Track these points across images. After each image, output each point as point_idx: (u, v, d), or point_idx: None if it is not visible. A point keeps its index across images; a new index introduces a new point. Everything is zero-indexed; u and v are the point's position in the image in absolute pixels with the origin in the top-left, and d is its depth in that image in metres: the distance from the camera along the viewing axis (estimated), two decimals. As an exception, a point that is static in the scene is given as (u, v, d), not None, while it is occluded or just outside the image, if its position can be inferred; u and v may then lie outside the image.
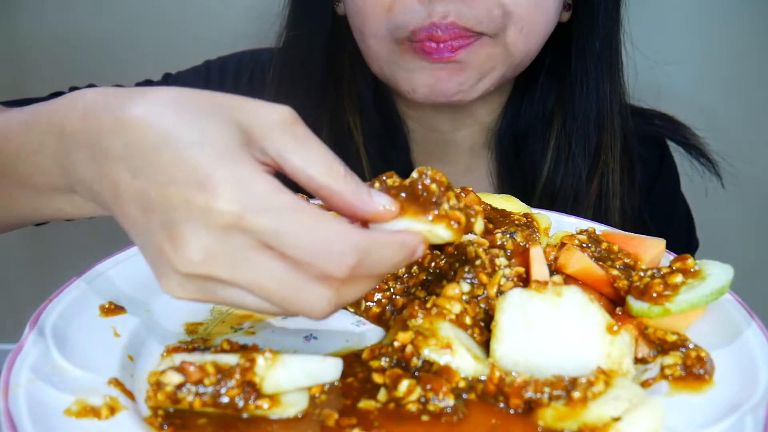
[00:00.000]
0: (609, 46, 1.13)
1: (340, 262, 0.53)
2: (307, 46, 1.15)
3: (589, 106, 1.14)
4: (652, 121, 1.27)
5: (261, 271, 0.53)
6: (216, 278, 0.54)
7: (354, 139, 1.16)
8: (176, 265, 0.53)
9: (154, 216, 0.53)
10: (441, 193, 0.60)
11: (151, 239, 0.54)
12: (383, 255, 0.55)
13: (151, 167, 0.53)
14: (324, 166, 0.56)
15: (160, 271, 0.55)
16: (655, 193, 1.27)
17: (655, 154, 1.28)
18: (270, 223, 0.52)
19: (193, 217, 0.52)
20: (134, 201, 0.54)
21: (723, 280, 0.68)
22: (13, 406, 0.56)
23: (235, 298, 0.55)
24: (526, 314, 0.64)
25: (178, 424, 0.58)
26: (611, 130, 1.15)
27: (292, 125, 0.56)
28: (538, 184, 1.17)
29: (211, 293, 0.55)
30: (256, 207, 0.52)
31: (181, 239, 0.52)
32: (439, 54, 0.98)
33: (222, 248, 0.52)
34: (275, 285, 0.54)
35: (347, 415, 0.60)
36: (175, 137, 0.53)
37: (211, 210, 0.51)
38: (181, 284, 0.55)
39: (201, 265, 0.53)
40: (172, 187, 0.52)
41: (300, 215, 0.53)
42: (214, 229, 0.52)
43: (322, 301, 0.55)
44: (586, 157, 1.15)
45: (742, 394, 0.61)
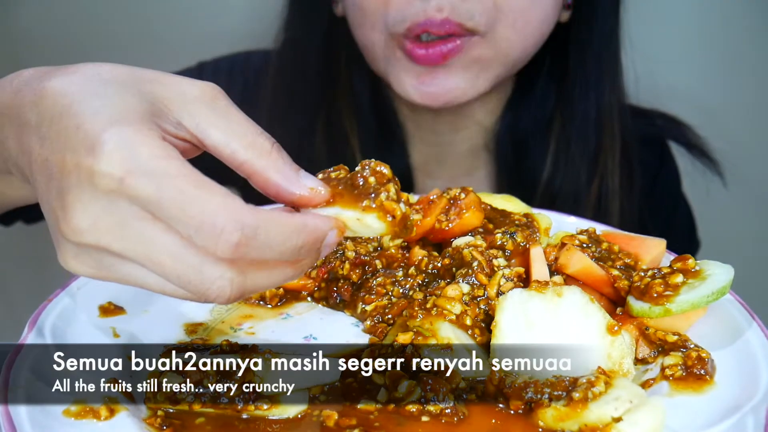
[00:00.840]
0: (608, 47, 1.13)
1: (221, 238, 0.49)
2: (304, 47, 1.15)
3: (589, 107, 1.13)
4: (653, 121, 1.27)
5: (151, 243, 0.50)
6: (107, 249, 0.51)
7: (350, 142, 1.16)
8: (66, 234, 0.51)
9: (52, 184, 0.52)
10: (379, 184, 0.57)
11: (49, 210, 0.52)
12: (276, 236, 0.51)
13: (55, 135, 0.51)
14: (246, 140, 0.53)
15: (56, 242, 0.53)
16: (656, 193, 1.27)
17: (655, 155, 1.27)
18: (150, 188, 0.49)
19: (80, 183, 0.50)
20: (41, 171, 0.53)
21: (724, 280, 0.68)
22: (12, 407, 0.56)
23: (137, 276, 0.52)
24: (526, 314, 0.64)
25: (178, 425, 0.58)
26: (611, 132, 1.14)
27: (213, 99, 0.53)
28: (538, 187, 1.16)
29: (108, 268, 0.52)
30: (137, 170, 0.49)
31: (69, 205, 0.50)
32: (426, 60, 0.99)
33: (109, 216, 0.50)
34: (168, 260, 0.50)
35: (347, 415, 0.60)
36: (77, 105, 0.51)
37: (94, 173, 0.49)
38: (76, 256, 0.52)
39: (89, 233, 0.50)
40: (66, 154, 0.50)
41: (183, 182, 0.49)
42: (100, 195, 0.49)
43: (223, 281, 0.51)
44: (585, 158, 1.14)
45: (743, 395, 0.61)
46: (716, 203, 1.37)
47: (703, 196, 1.29)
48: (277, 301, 0.77)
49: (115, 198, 0.49)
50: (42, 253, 1.93)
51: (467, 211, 0.77)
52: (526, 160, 1.19)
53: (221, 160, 0.54)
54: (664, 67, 1.33)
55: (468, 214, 0.77)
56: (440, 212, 0.77)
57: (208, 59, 1.27)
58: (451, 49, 0.99)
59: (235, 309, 0.76)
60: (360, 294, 0.75)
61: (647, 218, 1.22)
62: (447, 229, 0.77)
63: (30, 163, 0.54)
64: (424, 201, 0.80)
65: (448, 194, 0.78)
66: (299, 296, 0.78)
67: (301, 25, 1.15)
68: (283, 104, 1.15)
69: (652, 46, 1.25)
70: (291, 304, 0.77)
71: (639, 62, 1.21)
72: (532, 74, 1.15)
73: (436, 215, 0.77)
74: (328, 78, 1.16)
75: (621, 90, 1.17)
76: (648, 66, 1.25)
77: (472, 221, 0.77)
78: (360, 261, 0.77)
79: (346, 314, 0.76)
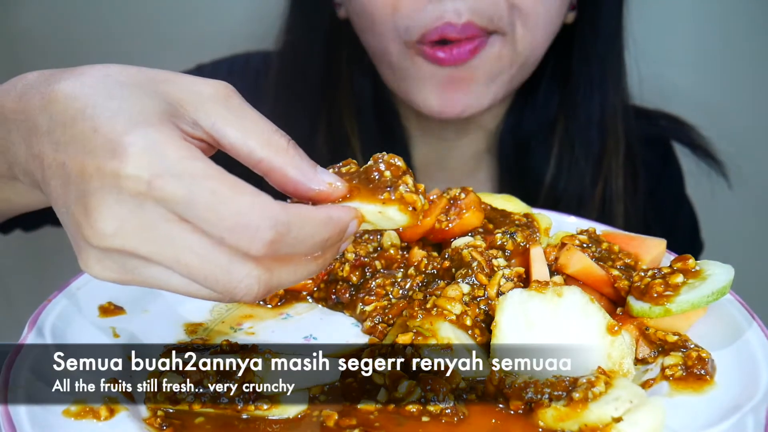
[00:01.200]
0: (612, 48, 1.12)
1: (256, 237, 0.49)
2: (305, 49, 1.15)
3: (592, 109, 1.13)
4: (657, 122, 1.26)
5: (180, 245, 0.50)
6: (133, 253, 0.50)
7: (351, 145, 1.15)
8: (90, 239, 0.50)
9: (71, 189, 0.51)
10: (395, 177, 0.57)
11: (69, 214, 0.52)
12: (307, 231, 0.51)
13: (71, 140, 0.51)
14: (263, 137, 0.53)
15: (78, 248, 0.53)
16: (660, 195, 1.26)
17: (659, 156, 1.27)
18: (180, 190, 0.49)
19: (105, 187, 0.49)
20: (56, 176, 0.52)
21: (724, 280, 0.68)
22: (12, 407, 0.56)
23: (161, 278, 0.52)
24: (526, 314, 0.64)
25: (178, 425, 0.58)
26: (615, 134, 1.14)
27: (227, 98, 0.53)
28: (541, 189, 1.16)
29: (132, 272, 0.52)
30: (166, 172, 0.49)
31: (93, 210, 0.50)
32: (452, 60, 0.96)
33: (136, 219, 0.49)
34: (196, 261, 0.50)
35: (347, 415, 0.60)
36: (93, 108, 0.51)
37: (120, 176, 0.49)
38: (99, 261, 0.52)
39: (115, 237, 0.50)
40: (86, 157, 0.50)
41: (213, 183, 0.49)
42: (126, 198, 0.49)
43: (251, 280, 0.51)
44: (589, 161, 1.14)
45: (743, 395, 0.61)
46: (720, 204, 1.37)
47: (707, 197, 1.28)
48: (277, 301, 0.77)
49: (142, 201, 0.49)
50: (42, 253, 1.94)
51: (467, 211, 0.77)
52: (529, 162, 1.18)
53: (238, 159, 0.54)
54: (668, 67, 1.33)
55: (468, 214, 0.77)
56: (440, 212, 0.77)
57: (206, 61, 1.26)
58: (477, 45, 0.97)
59: (235, 309, 0.76)
60: (359, 295, 0.75)
61: (651, 219, 1.22)
62: (447, 229, 0.77)
63: (42, 168, 0.53)
64: (423, 201, 0.80)
65: (448, 194, 0.78)
66: (299, 296, 0.78)
67: (302, 28, 1.15)
68: (284, 106, 1.15)
69: (656, 47, 1.25)
70: (291, 304, 0.77)
71: (643, 63, 1.21)
72: (535, 78, 1.14)
73: (436, 215, 0.77)
74: (329, 79, 1.15)
75: (625, 91, 1.16)
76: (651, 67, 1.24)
77: (472, 221, 0.77)
78: (360, 263, 0.77)
79: (345, 314, 0.76)
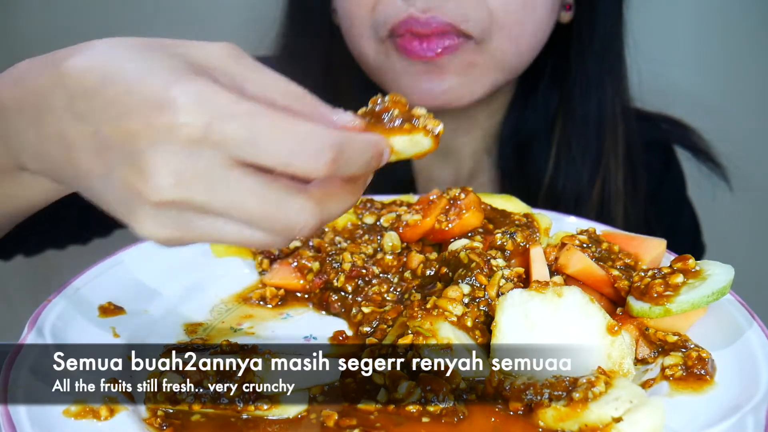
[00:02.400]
0: (611, 48, 1.12)
1: (318, 159, 0.50)
2: (304, 54, 1.15)
3: (590, 107, 1.13)
4: (658, 125, 1.26)
5: (238, 188, 0.50)
6: (191, 204, 0.50)
7: None
8: (148, 196, 0.50)
9: (113, 154, 0.51)
10: (407, 110, 0.60)
11: (114, 180, 0.51)
12: (356, 151, 0.53)
13: (100, 107, 0.51)
14: (281, 88, 0.53)
15: (130, 211, 0.52)
16: (661, 198, 1.26)
17: (660, 159, 1.26)
18: (240, 129, 0.49)
19: (157, 141, 0.49)
20: (86, 148, 0.52)
21: (724, 280, 0.68)
22: (12, 407, 0.56)
23: (212, 229, 0.52)
24: (526, 315, 0.64)
25: (178, 425, 0.58)
26: (614, 134, 1.14)
27: (238, 57, 0.54)
28: (540, 189, 1.16)
29: (186, 225, 0.52)
30: (221, 116, 0.49)
31: (148, 166, 0.49)
32: (422, 53, 0.98)
33: (194, 167, 0.49)
34: (255, 202, 0.51)
35: (347, 415, 0.60)
36: (118, 72, 0.51)
37: (174, 127, 0.48)
38: (155, 218, 0.51)
39: (174, 189, 0.49)
40: (127, 118, 0.50)
41: (269, 118, 0.50)
42: (183, 148, 0.49)
43: (305, 212, 0.52)
44: (587, 160, 1.14)
45: (743, 395, 0.61)
46: (722, 208, 1.37)
47: (708, 200, 1.28)
48: (277, 301, 0.77)
49: (197, 148, 0.49)
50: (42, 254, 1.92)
51: (467, 212, 0.77)
52: (529, 162, 1.18)
53: None
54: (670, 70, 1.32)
55: (468, 214, 0.77)
56: (440, 212, 0.77)
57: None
58: (447, 46, 0.98)
59: (235, 309, 0.76)
60: (356, 299, 0.75)
61: (652, 222, 1.22)
62: (447, 230, 0.77)
63: (66, 145, 0.53)
64: (423, 201, 0.80)
65: (447, 194, 0.78)
66: (299, 298, 0.78)
67: (299, 33, 1.15)
68: None
69: (658, 49, 1.25)
70: (291, 304, 0.77)
71: (644, 65, 1.20)
72: (534, 76, 1.14)
73: (436, 215, 0.77)
74: (327, 84, 1.15)
75: (625, 92, 1.16)
76: (653, 69, 1.24)
77: (472, 221, 0.77)
78: (356, 273, 0.77)
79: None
